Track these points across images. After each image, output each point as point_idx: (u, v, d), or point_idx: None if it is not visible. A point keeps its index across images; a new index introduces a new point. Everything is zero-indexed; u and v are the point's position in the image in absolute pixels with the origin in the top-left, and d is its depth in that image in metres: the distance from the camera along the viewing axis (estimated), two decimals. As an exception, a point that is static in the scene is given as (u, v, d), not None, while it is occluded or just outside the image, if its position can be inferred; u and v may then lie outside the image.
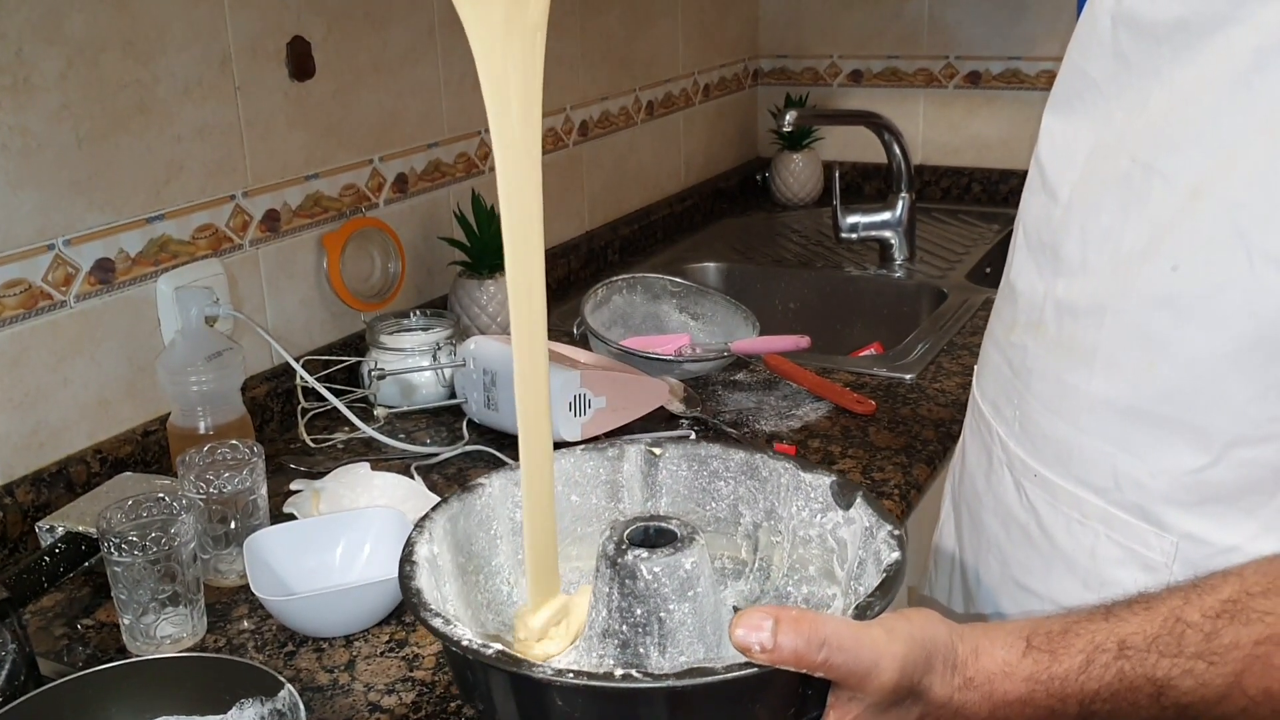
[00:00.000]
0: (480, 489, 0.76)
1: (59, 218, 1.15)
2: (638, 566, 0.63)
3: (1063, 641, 0.63)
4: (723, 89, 2.41)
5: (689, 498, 0.80)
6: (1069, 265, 0.77)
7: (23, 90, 1.10)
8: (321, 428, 1.38)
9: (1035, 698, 0.62)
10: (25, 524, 1.12)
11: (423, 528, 0.71)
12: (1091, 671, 0.62)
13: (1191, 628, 0.61)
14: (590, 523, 0.80)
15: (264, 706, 0.79)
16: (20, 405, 1.13)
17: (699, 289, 1.66)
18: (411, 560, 0.68)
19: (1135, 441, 0.73)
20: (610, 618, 0.64)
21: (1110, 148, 0.74)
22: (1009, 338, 0.84)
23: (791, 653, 0.57)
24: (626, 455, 0.80)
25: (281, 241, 1.41)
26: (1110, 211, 0.73)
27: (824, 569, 0.75)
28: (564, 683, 0.57)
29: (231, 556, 1.06)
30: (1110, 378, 0.73)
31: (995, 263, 2.07)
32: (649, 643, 0.64)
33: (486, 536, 0.76)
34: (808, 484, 0.76)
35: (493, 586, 0.76)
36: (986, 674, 0.62)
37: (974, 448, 0.92)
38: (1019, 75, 2.30)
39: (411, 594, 0.65)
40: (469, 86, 1.66)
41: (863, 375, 1.50)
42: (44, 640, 0.99)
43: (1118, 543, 0.75)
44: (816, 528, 0.75)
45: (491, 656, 0.59)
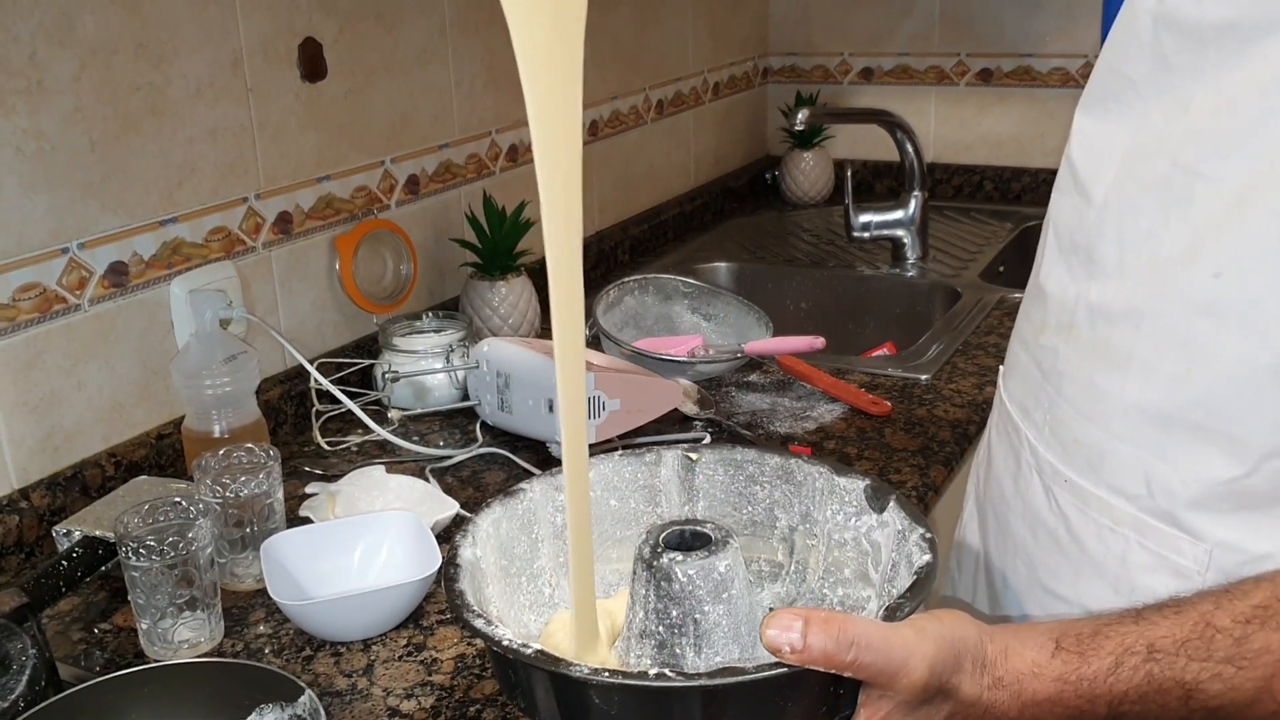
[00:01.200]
0: (522, 494, 0.78)
1: (72, 221, 1.15)
2: (673, 569, 0.65)
3: (1093, 643, 0.63)
4: (733, 87, 2.40)
5: (726, 501, 0.81)
6: (1103, 268, 0.76)
7: (36, 93, 1.10)
8: (335, 430, 1.38)
9: (1064, 698, 0.62)
10: (41, 528, 1.12)
11: (466, 531, 0.73)
12: (1120, 673, 0.62)
13: (1221, 632, 0.62)
14: (629, 526, 0.81)
15: (284, 712, 0.79)
16: (35, 409, 1.13)
17: (711, 289, 1.65)
18: (455, 563, 0.70)
19: (1169, 449, 0.72)
20: (647, 619, 0.66)
21: (1148, 150, 0.73)
22: (1038, 340, 0.84)
23: (821, 653, 0.58)
24: (664, 460, 0.81)
25: (294, 244, 1.40)
26: (1149, 215, 0.72)
27: (859, 572, 0.76)
28: (600, 681, 0.59)
29: (248, 560, 1.06)
30: (1145, 383, 0.73)
31: (1009, 262, 2.06)
32: (685, 643, 0.65)
33: (529, 540, 0.78)
34: (842, 488, 0.77)
35: (535, 589, 0.78)
36: (1016, 674, 0.63)
37: (1001, 450, 0.91)
38: (1031, 73, 2.29)
39: (455, 595, 0.67)
40: (480, 87, 1.66)
41: (877, 376, 1.49)
42: (62, 645, 0.99)
43: (1150, 550, 0.74)
44: (851, 531, 0.76)
45: (531, 656, 0.60)
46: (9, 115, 1.08)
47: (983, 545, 0.95)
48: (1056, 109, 2.29)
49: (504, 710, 0.88)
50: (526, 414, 1.27)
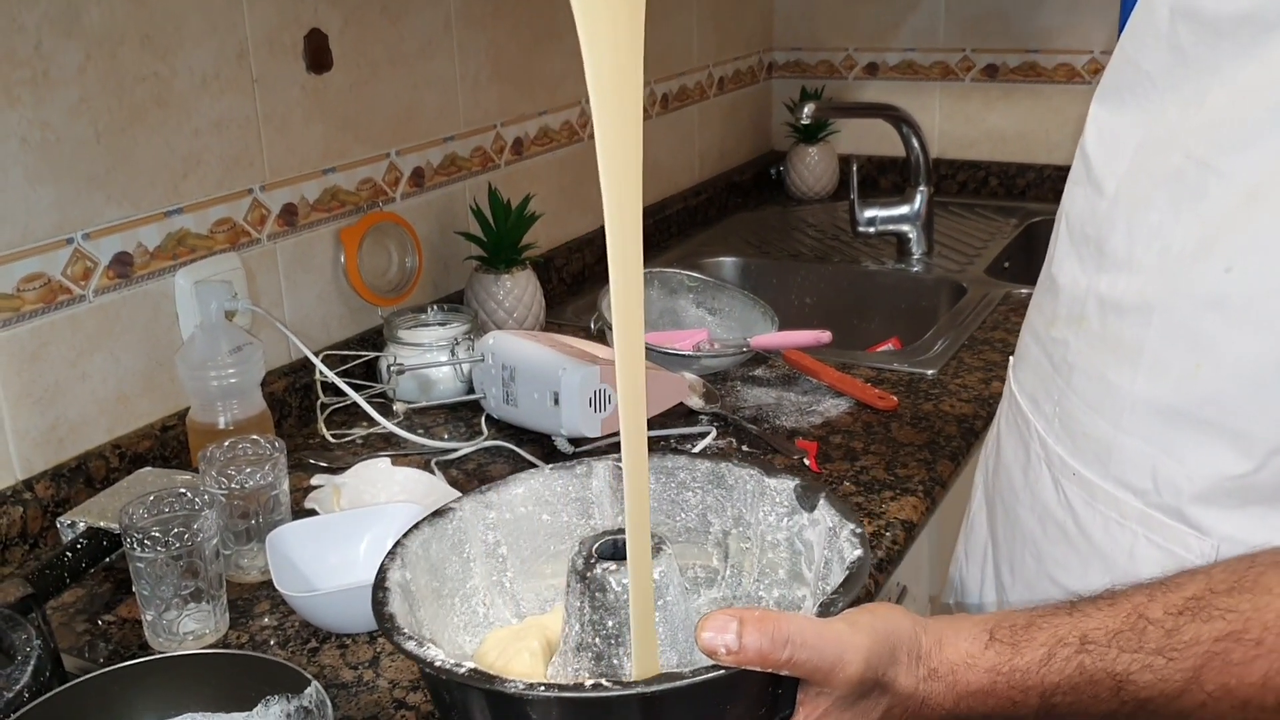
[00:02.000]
0: (451, 513, 0.77)
1: (77, 212, 1.14)
2: (607, 579, 0.64)
3: (1026, 634, 0.63)
4: (737, 82, 2.39)
5: (658, 509, 0.81)
6: (1114, 260, 0.76)
7: (42, 84, 1.09)
8: (340, 423, 1.37)
9: (997, 689, 0.63)
10: (46, 519, 1.12)
11: (395, 554, 0.72)
12: (1053, 664, 0.62)
13: (1153, 624, 0.62)
14: (563, 540, 0.80)
15: (290, 704, 0.79)
16: (40, 400, 1.13)
17: (716, 284, 1.65)
18: (384, 586, 0.69)
19: (1176, 444, 0.72)
20: (584, 631, 0.65)
21: (1162, 142, 0.73)
22: (1049, 332, 0.83)
23: (756, 652, 0.58)
24: (595, 471, 0.81)
25: (299, 236, 1.40)
26: (1160, 208, 0.72)
27: (793, 571, 0.76)
28: (536, 696, 0.58)
29: (253, 552, 1.05)
30: (1154, 378, 0.72)
31: (1014, 257, 2.06)
32: (622, 654, 0.64)
33: (460, 559, 0.77)
34: (773, 489, 0.77)
35: (468, 609, 0.77)
36: (950, 664, 0.63)
37: (1010, 442, 0.91)
38: (1037, 68, 2.28)
39: (385, 619, 0.66)
40: (485, 80, 1.66)
41: (883, 371, 1.49)
42: (66, 636, 0.99)
43: (1157, 544, 0.74)
44: (784, 531, 0.76)
45: (465, 675, 0.59)
46: (14, 105, 1.07)
47: (990, 536, 0.95)
48: (1062, 105, 2.29)
49: (510, 703, 0.88)
50: (531, 407, 1.27)
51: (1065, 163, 2.46)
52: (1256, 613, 0.60)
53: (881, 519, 1.12)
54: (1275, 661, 0.60)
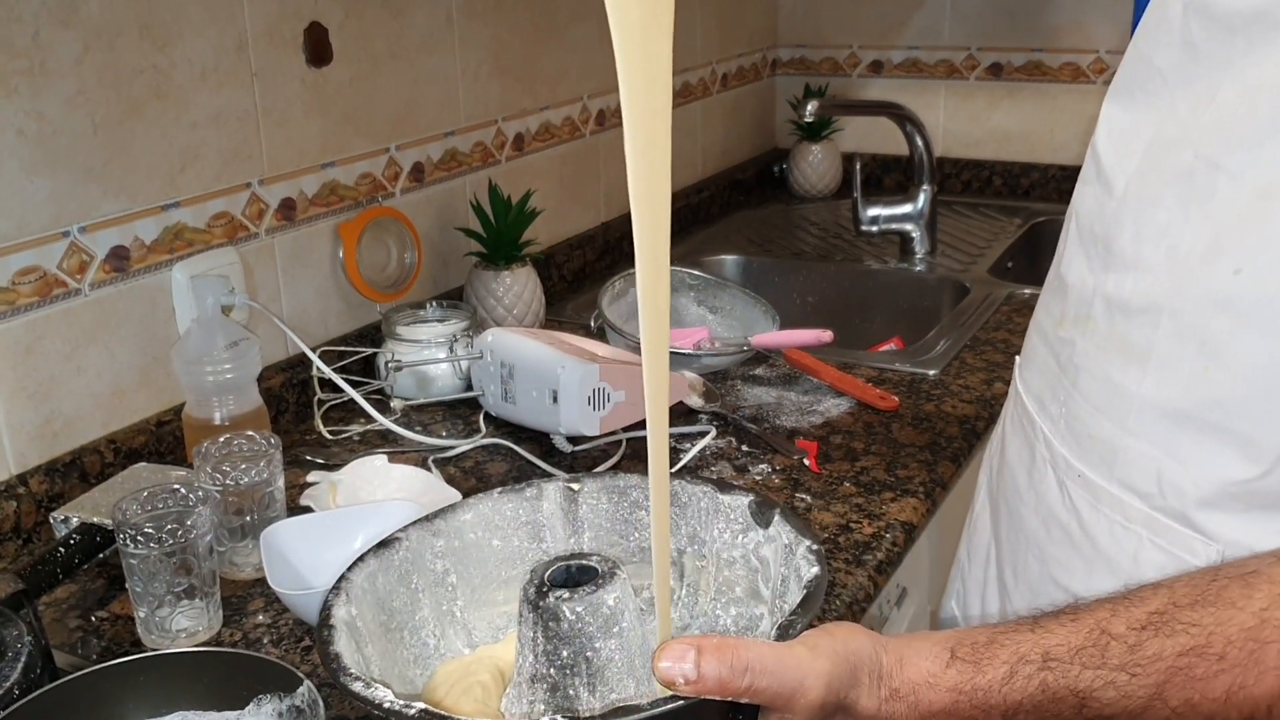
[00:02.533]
0: (397, 543, 0.75)
1: (74, 205, 1.14)
2: (560, 608, 0.63)
3: (987, 652, 0.62)
4: (741, 79, 2.38)
5: (612, 530, 0.80)
6: (1120, 260, 0.75)
7: (39, 75, 1.08)
8: (337, 419, 1.37)
9: (959, 708, 0.62)
10: (39, 514, 1.11)
11: (339, 589, 0.70)
12: (1015, 683, 0.61)
13: (1116, 639, 0.61)
14: (514, 565, 0.79)
15: (282, 703, 0.78)
16: (34, 394, 1.12)
17: (717, 282, 1.64)
18: (329, 624, 0.67)
19: (1183, 447, 0.71)
20: (537, 662, 0.64)
21: (1172, 141, 0.72)
22: (1057, 332, 0.82)
23: (716, 681, 0.57)
24: (545, 494, 0.79)
25: (297, 230, 1.39)
26: (1168, 207, 0.71)
27: (750, 589, 0.75)
28: None
29: (247, 549, 1.05)
30: (1161, 380, 0.72)
31: (1017, 258, 2.05)
32: (578, 683, 0.63)
33: (407, 591, 0.75)
34: (727, 506, 0.76)
35: (418, 642, 0.75)
36: (911, 684, 0.62)
37: (1015, 442, 0.90)
38: (1042, 67, 2.27)
39: (330, 659, 0.64)
40: (486, 75, 1.65)
41: (885, 371, 1.48)
42: (58, 632, 0.98)
43: (1162, 548, 0.73)
44: (739, 549, 0.75)
45: (414, 716, 0.58)
46: (11, 97, 1.06)
47: (994, 537, 0.94)
48: (1067, 104, 2.28)
49: (505, 704, 0.87)
50: (530, 405, 1.26)
51: (1070, 163, 2.45)
52: (1219, 627, 0.59)
53: (882, 520, 1.11)
54: (1238, 676, 0.59)
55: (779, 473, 1.21)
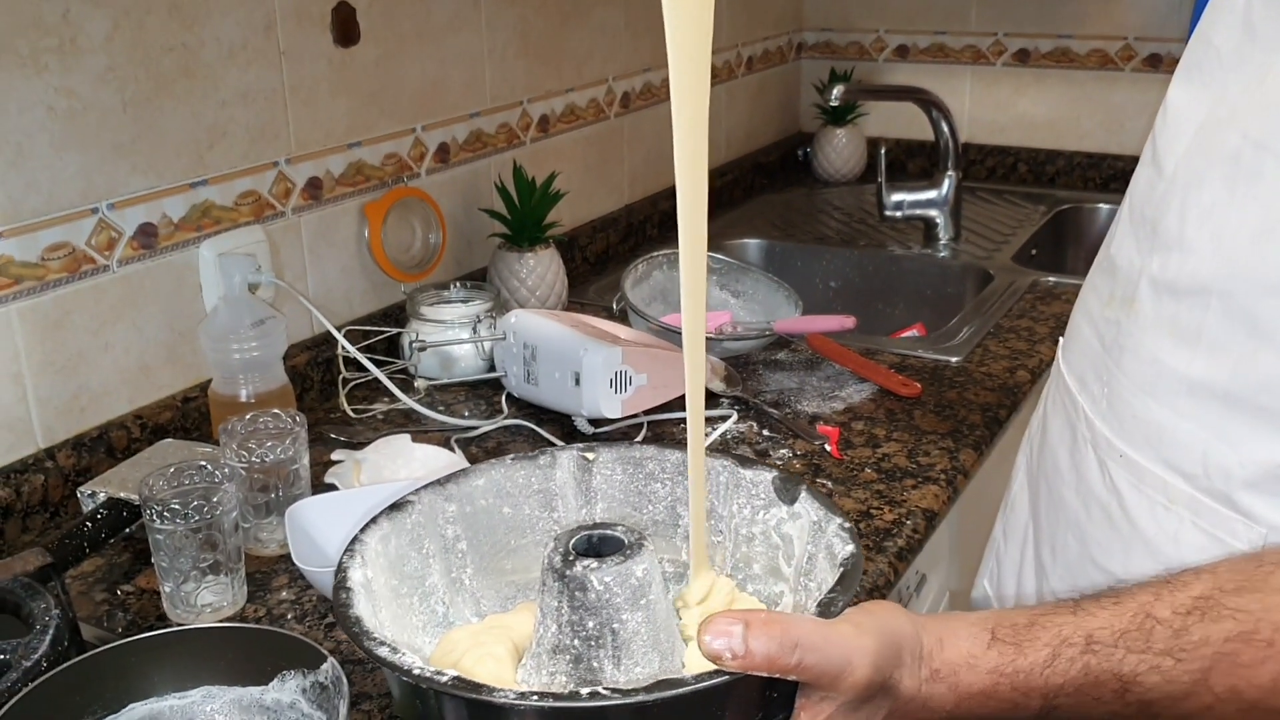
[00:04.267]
0: (409, 506, 0.73)
1: (103, 181, 1.14)
2: (588, 578, 0.61)
3: (1028, 634, 0.62)
4: (766, 62, 2.37)
5: (626, 502, 0.78)
6: (1166, 241, 0.74)
7: (69, 52, 1.09)
8: (361, 398, 1.37)
9: (999, 690, 0.61)
10: (66, 488, 1.12)
11: (353, 551, 0.68)
12: (1057, 665, 0.61)
13: (1161, 624, 0.60)
14: (524, 534, 0.77)
15: (306, 679, 0.79)
16: (62, 369, 1.13)
17: (740, 266, 1.64)
18: (346, 587, 0.65)
19: (1230, 429, 0.71)
20: (561, 633, 0.62)
21: (1222, 122, 0.71)
22: (1103, 312, 0.82)
23: (764, 657, 0.56)
24: (559, 462, 0.77)
25: (323, 210, 1.40)
26: (1214, 189, 0.71)
27: (769, 566, 0.73)
28: (529, 706, 0.54)
29: (272, 526, 1.05)
30: (1210, 362, 0.71)
31: (1042, 245, 2.04)
32: (603, 656, 0.61)
33: (419, 556, 0.73)
34: (748, 481, 0.74)
35: (427, 608, 0.73)
36: (951, 665, 0.61)
37: (1057, 422, 0.90)
38: (1069, 54, 2.26)
39: (351, 624, 0.62)
40: (512, 56, 1.65)
41: (907, 357, 1.47)
42: (85, 605, 0.99)
43: (1204, 530, 0.73)
44: (760, 525, 0.73)
45: (447, 684, 0.56)
46: (41, 73, 1.07)
47: (1032, 517, 0.93)
48: (1094, 91, 2.26)
49: (526, 683, 0.88)
50: (552, 386, 1.27)
51: (1096, 150, 2.43)
52: (1267, 613, 0.59)
53: (902, 507, 1.11)
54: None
55: (800, 458, 1.21)
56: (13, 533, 1.08)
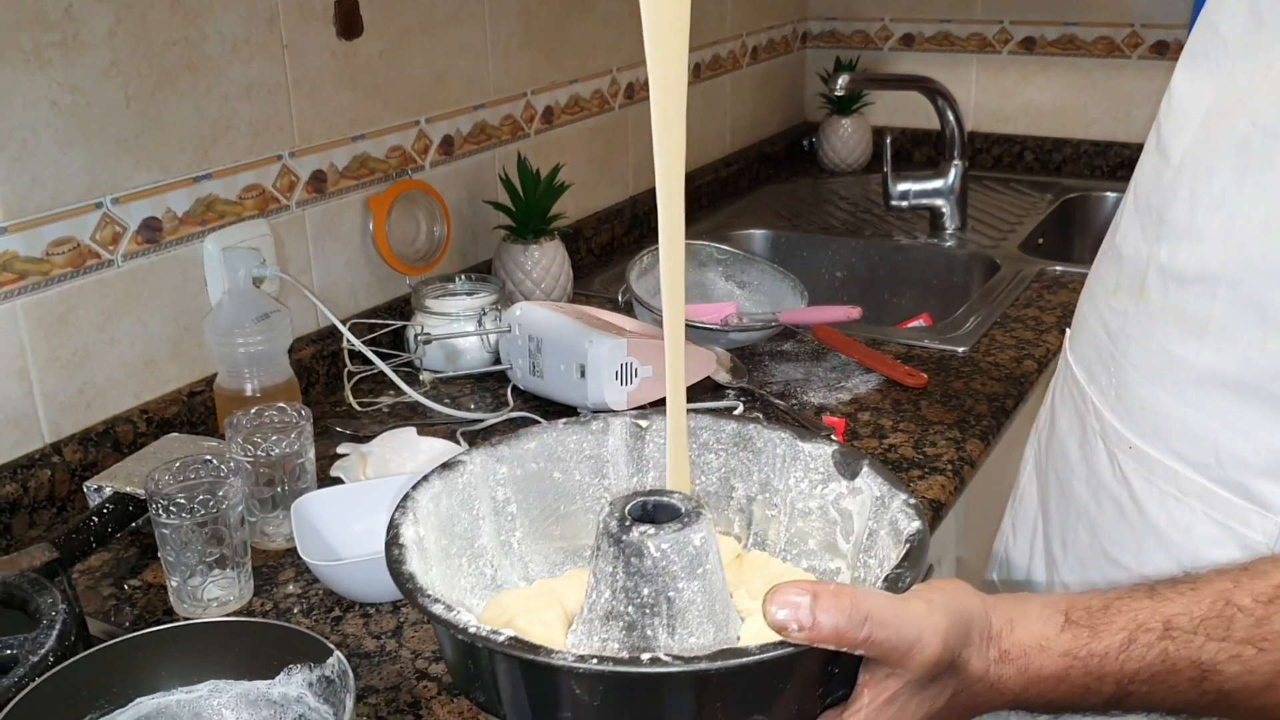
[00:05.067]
0: (461, 466, 0.72)
1: (107, 176, 1.14)
2: (644, 544, 0.59)
3: (1103, 618, 0.60)
4: (771, 52, 2.37)
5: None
6: (1174, 229, 0.74)
7: (72, 47, 1.09)
8: (367, 391, 1.37)
9: (1071, 674, 0.59)
10: (73, 483, 1.12)
11: (405, 508, 0.67)
12: (1133, 651, 0.59)
13: (1242, 611, 0.59)
14: (574, 500, 0.76)
15: (312, 673, 0.79)
16: (68, 364, 1.13)
17: (746, 256, 1.64)
18: (399, 543, 0.64)
19: (1242, 418, 0.70)
20: (614, 599, 0.60)
21: (1229, 110, 0.71)
22: (1109, 302, 0.82)
23: (833, 630, 0.53)
24: (611, 428, 0.75)
25: (328, 203, 1.40)
26: (1223, 177, 0.70)
27: (826, 542, 0.71)
28: (588, 669, 0.53)
29: (278, 520, 1.05)
30: (1220, 351, 0.71)
31: (1049, 234, 2.03)
32: (657, 624, 0.60)
33: (469, 517, 0.72)
34: (807, 454, 0.72)
35: (475, 570, 0.72)
36: (1022, 647, 0.59)
37: (1065, 413, 0.89)
38: (1075, 41, 2.25)
39: (405, 580, 0.61)
40: (515, 48, 1.64)
41: (913, 347, 1.47)
42: (92, 600, 0.99)
43: (1217, 521, 0.72)
44: (817, 499, 0.71)
45: (504, 644, 0.54)
46: (45, 69, 1.07)
47: (1041, 510, 0.93)
48: (1101, 79, 2.25)
49: (532, 676, 0.88)
50: (558, 379, 1.27)
51: (1103, 138, 2.41)
52: None
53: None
54: None
55: (806, 449, 1.21)
56: (19, 528, 1.08)
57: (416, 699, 0.86)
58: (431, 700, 0.86)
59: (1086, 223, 2.17)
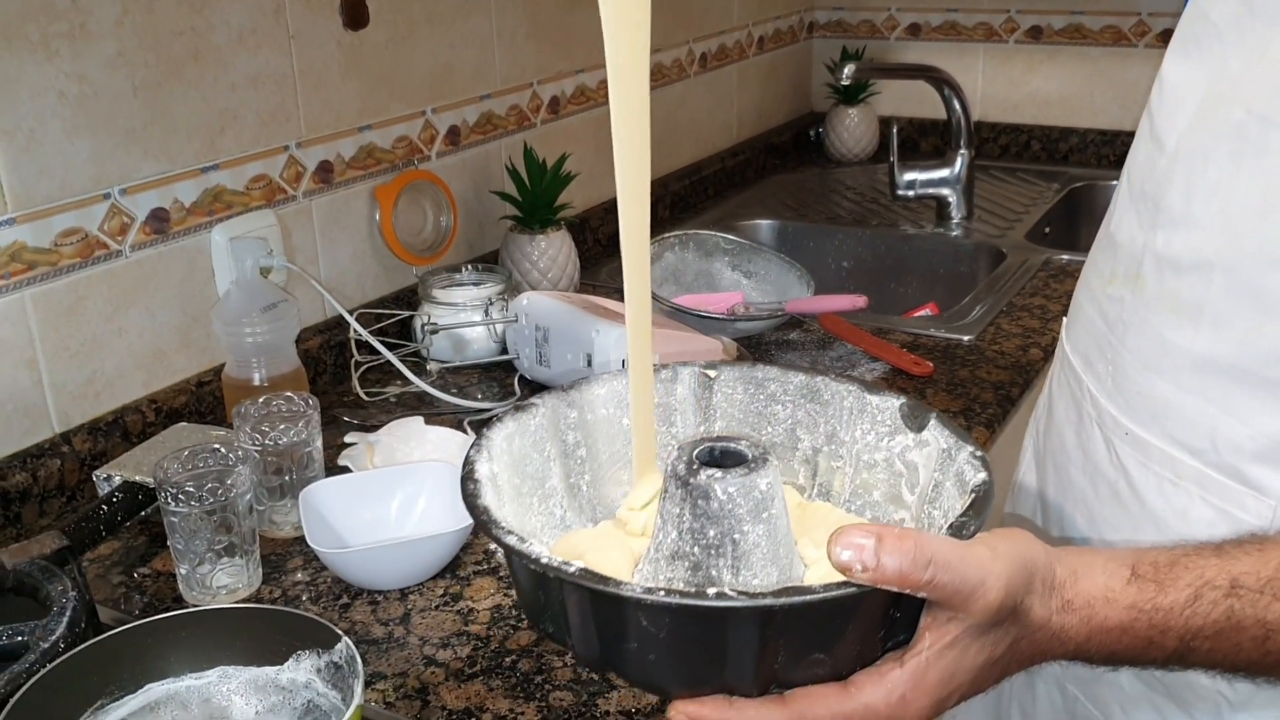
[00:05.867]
0: (533, 408, 0.73)
1: (114, 167, 1.15)
2: (711, 486, 0.60)
3: (1170, 573, 0.60)
4: (777, 41, 2.36)
5: (744, 421, 0.77)
6: (1170, 217, 0.74)
7: (79, 37, 1.09)
8: (374, 381, 1.38)
9: (1136, 627, 0.60)
10: (82, 472, 1.13)
11: (480, 445, 0.68)
12: (1198, 607, 0.59)
13: None
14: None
15: (321, 659, 0.79)
16: (77, 354, 1.14)
17: (752, 246, 1.64)
18: (474, 478, 0.65)
19: (1237, 403, 0.70)
20: (681, 539, 0.61)
21: (1224, 96, 0.71)
22: (1106, 290, 0.82)
23: (896, 572, 0.54)
24: (680, 377, 0.76)
25: (334, 193, 1.40)
26: (1219, 164, 0.70)
27: (890, 493, 0.72)
28: (655, 601, 0.54)
29: (286, 508, 1.06)
30: (1215, 337, 0.71)
31: (1055, 223, 2.03)
32: (722, 565, 0.61)
33: (540, 457, 0.73)
34: (874, 406, 0.72)
35: (546, 509, 0.73)
36: (1086, 597, 0.60)
37: (1062, 402, 0.89)
38: (1082, 30, 2.24)
39: (480, 512, 0.62)
40: (522, 38, 1.64)
41: (919, 336, 1.47)
42: (102, 588, 1.00)
43: (1213, 505, 0.73)
44: (883, 451, 0.72)
45: (575, 574, 0.56)
46: (52, 59, 1.07)
47: (1040, 498, 0.93)
48: (1108, 68, 2.24)
49: (540, 660, 0.88)
50: (565, 368, 1.27)
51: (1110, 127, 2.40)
52: None
53: (915, 486, 1.11)
54: None
55: (812, 438, 1.21)
56: (30, 516, 1.09)
57: (424, 685, 0.87)
58: (439, 686, 0.86)
59: (1093, 212, 2.16)
